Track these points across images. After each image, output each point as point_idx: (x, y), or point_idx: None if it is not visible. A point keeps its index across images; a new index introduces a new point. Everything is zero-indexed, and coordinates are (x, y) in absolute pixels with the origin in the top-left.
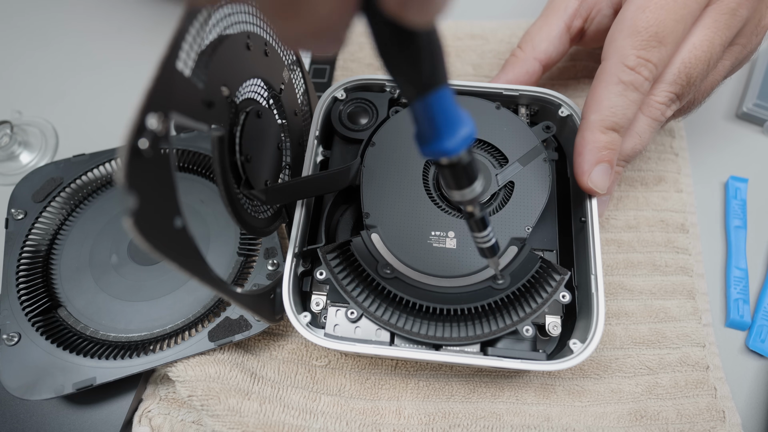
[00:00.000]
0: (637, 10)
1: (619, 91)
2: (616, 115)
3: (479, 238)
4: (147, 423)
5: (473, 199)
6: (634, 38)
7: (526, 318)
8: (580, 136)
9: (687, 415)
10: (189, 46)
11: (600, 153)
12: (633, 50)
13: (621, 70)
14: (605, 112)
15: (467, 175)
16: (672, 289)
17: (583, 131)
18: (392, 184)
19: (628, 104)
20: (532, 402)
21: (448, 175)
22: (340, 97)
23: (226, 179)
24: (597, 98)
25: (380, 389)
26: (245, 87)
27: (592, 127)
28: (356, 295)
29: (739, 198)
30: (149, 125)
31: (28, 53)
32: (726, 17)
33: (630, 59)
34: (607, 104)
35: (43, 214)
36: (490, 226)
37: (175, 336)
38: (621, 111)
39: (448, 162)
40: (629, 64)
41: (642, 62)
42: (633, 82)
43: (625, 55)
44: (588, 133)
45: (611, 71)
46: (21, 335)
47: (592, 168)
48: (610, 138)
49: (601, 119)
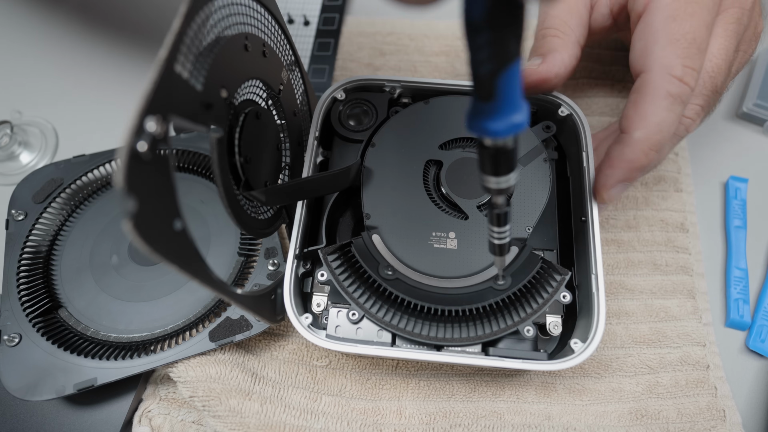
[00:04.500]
0: (669, 18)
1: (667, 106)
2: (662, 131)
3: (497, 233)
4: (147, 423)
5: (506, 189)
6: (675, 46)
7: (527, 318)
8: (618, 150)
9: (687, 415)
10: (187, 48)
11: (633, 173)
12: (678, 59)
13: (669, 82)
14: (652, 128)
15: (508, 162)
16: (672, 289)
17: (624, 147)
18: (392, 184)
19: (675, 120)
20: (533, 401)
21: (490, 160)
22: (339, 97)
23: (225, 180)
24: (643, 113)
25: (381, 389)
26: (244, 88)
27: (636, 146)
28: (357, 296)
29: (739, 198)
30: (148, 128)
31: (28, 53)
32: (734, 26)
33: (677, 69)
34: (654, 120)
35: (44, 214)
36: (510, 224)
37: (175, 336)
38: (668, 128)
39: (493, 144)
40: (677, 74)
41: (689, 71)
42: (681, 94)
43: (671, 64)
44: (629, 150)
45: (657, 84)
46: (22, 336)
47: (616, 184)
48: (649, 160)
49: (648, 138)
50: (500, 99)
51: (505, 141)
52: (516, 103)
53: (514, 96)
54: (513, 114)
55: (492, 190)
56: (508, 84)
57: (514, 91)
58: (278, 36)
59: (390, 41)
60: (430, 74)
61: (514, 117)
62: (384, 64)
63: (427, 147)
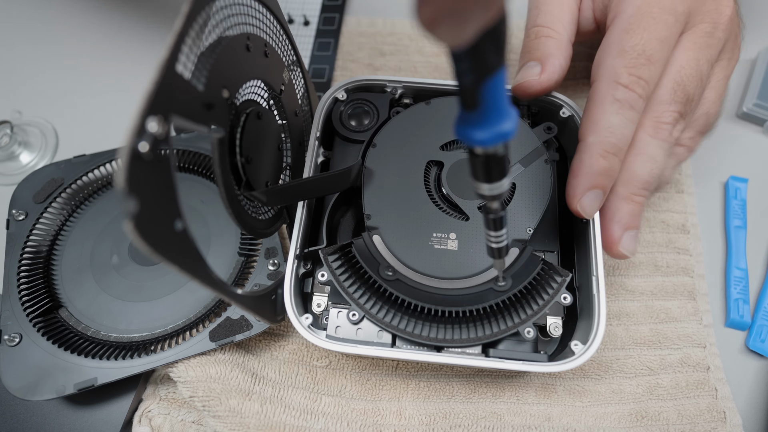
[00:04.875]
0: (622, 32)
1: (614, 110)
2: (614, 134)
3: (493, 237)
4: (147, 423)
5: (499, 195)
6: (623, 57)
7: (527, 320)
8: (578, 159)
9: (688, 416)
10: (189, 48)
11: (595, 179)
12: (624, 68)
13: (614, 89)
14: (603, 132)
15: (499, 169)
16: (673, 290)
17: (581, 153)
18: (393, 185)
19: (626, 123)
20: (533, 402)
21: (481, 167)
22: (340, 97)
23: (226, 181)
24: (593, 119)
25: (381, 390)
26: (245, 88)
27: (591, 150)
28: (358, 296)
29: (739, 198)
30: (149, 128)
31: (28, 53)
32: (704, 39)
33: (622, 77)
34: (604, 124)
35: (44, 214)
36: (506, 227)
37: (176, 336)
38: (619, 130)
39: (483, 152)
40: (622, 82)
41: (634, 79)
42: (628, 99)
43: (617, 73)
44: (586, 156)
45: (604, 91)
46: (22, 336)
47: (584, 192)
48: (608, 163)
49: (600, 141)
50: (485, 108)
51: (496, 148)
52: (502, 111)
53: (500, 104)
54: (500, 122)
55: (485, 197)
56: (492, 93)
57: (499, 99)
58: (280, 36)
59: (390, 41)
60: (430, 74)
61: (501, 126)
62: (384, 64)
63: (428, 148)
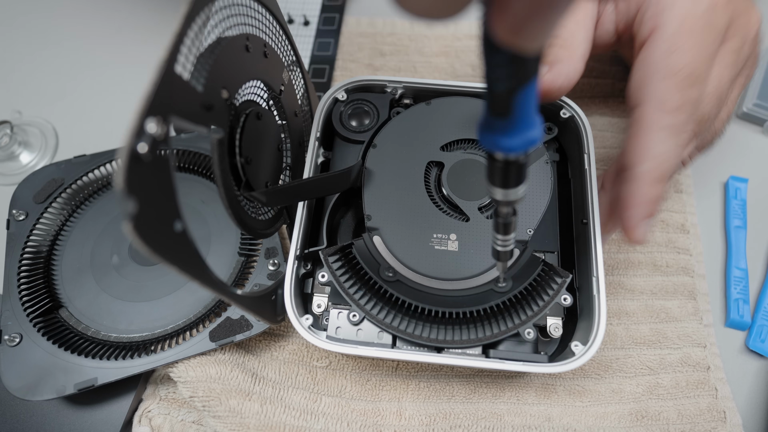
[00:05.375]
0: (667, 52)
1: (665, 137)
2: (665, 162)
3: (501, 241)
4: (147, 423)
5: (514, 201)
6: (671, 80)
7: (527, 321)
8: (630, 189)
9: (688, 416)
10: (188, 49)
11: (651, 207)
12: (672, 92)
13: (664, 114)
14: (656, 160)
15: (518, 175)
16: (673, 290)
17: (632, 183)
18: (394, 186)
19: (675, 149)
20: (533, 402)
21: (500, 173)
22: (340, 98)
23: (226, 182)
24: (643, 147)
25: (381, 390)
26: (245, 89)
27: (644, 180)
28: (358, 297)
29: (739, 198)
30: (148, 130)
31: (28, 53)
32: (732, 56)
33: (671, 102)
34: (656, 152)
35: (45, 215)
36: (515, 232)
37: (176, 336)
38: (670, 158)
39: (504, 158)
40: (671, 107)
41: (683, 104)
42: (677, 125)
43: (666, 98)
44: (639, 186)
45: (653, 116)
46: (22, 336)
47: (641, 223)
48: (660, 191)
49: (653, 169)
50: (516, 115)
51: (518, 156)
52: (531, 119)
53: (530, 112)
54: (528, 130)
55: (500, 202)
56: (525, 101)
57: (530, 107)
58: (279, 36)
59: (390, 42)
60: (430, 75)
61: (529, 133)
62: (384, 64)
63: (428, 148)
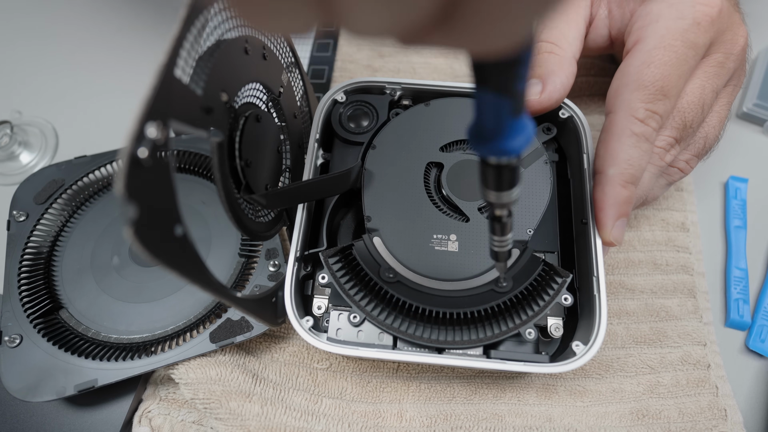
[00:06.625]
0: (642, 65)
1: (632, 143)
2: (633, 166)
3: (498, 242)
4: (147, 423)
5: (508, 203)
6: (642, 92)
7: (528, 321)
8: (600, 191)
9: (689, 414)
10: (187, 52)
11: (621, 208)
12: (641, 103)
13: (632, 123)
14: (623, 165)
15: (511, 178)
16: (673, 288)
17: (603, 186)
18: (393, 187)
19: (642, 155)
20: (534, 403)
21: (492, 176)
22: (340, 99)
23: (226, 185)
24: (612, 152)
25: (382, 392)
26: (244, 91)
27: (612, 182)
28: (359, 299)
29: (739, 198)
30: (148, 134)
31: (28, 53)
32: (715, 69)
33: (639, 112)
34: (623, 157)
35: (45, 215)
36: (512, 232)
37: (176, 337)
38: (637, 162)
39: (497, 162)
40: (639, 117)
41: (650, 114)
42: (644, 133)
43: (634, 108)
44: (609, 188)
45: (622, 124)
46: (23, 337)
47: (614, 223)
48: (629, 192)
49: (620, 173)
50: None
51: (510, 159)
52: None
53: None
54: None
55: (495, 205)
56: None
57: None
58: (278, 38)
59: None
60: (428, 76)
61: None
62: (383, 65)
63: (427, 149)
